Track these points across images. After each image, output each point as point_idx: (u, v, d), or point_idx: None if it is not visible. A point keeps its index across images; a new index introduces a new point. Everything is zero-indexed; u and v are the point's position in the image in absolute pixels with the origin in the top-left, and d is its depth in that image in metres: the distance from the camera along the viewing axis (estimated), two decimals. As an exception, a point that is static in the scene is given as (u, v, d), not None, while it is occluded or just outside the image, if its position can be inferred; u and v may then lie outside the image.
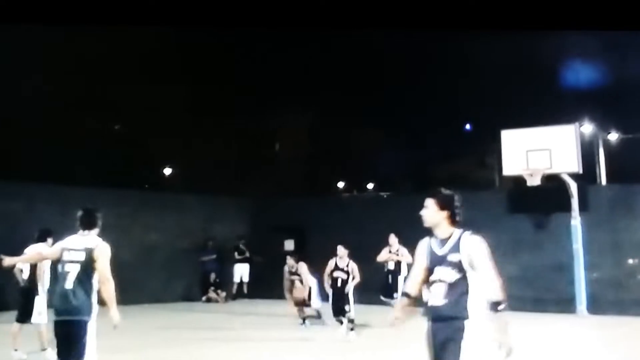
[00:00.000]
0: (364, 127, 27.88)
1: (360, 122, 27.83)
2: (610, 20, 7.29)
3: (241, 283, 24.87)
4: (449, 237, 6.05)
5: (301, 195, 26.24)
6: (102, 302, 7.71)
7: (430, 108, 26.37)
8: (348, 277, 15.27)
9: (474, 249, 5.92)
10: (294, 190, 28.91)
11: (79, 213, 7.94)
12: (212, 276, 24.34)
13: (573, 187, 19.52)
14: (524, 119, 20.21)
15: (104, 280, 7.64)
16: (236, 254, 24.86)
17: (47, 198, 21.06)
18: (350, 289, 15.21)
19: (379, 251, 17.69)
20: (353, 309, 15.00)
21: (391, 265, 17.50)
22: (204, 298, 23.99)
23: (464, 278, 5.87)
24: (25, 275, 12.05)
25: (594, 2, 7.06)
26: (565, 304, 19.40)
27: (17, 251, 11.31)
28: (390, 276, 17.38)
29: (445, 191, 6.23)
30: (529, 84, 24.51)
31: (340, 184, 41.98)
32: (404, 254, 17.25)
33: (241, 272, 24.78)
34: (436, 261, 6.02)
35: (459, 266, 5.89)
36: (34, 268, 11.94)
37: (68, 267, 7.63)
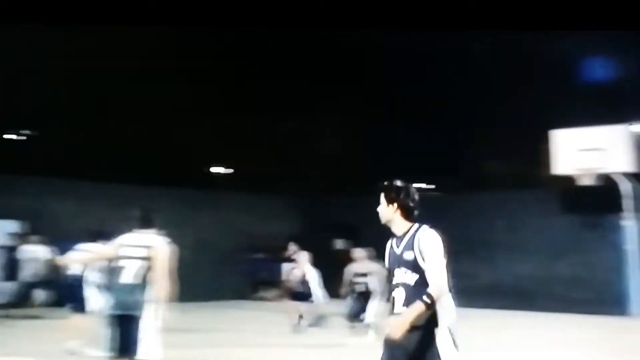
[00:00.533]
0: (416, 125, 27.82)
1: (413, 120, 27.77)
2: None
3: (293, 281, 24.92)
4: (406, 233, 5.36)
5: (353, 194, 26.27)
6: (156, 299, 7.81)
7: (482, 106, 26.23)
8: (370, 281, 14.43)
9: (426, 243, 5.20)
10: (346, 189, 28.95)
11: (137, 212, 8.03)
12: (264, 275, 24.51)
13: (626, 187, 19.29)
14: (575, 118, 19.99)
15: (160, 277, 7.74)
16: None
17: (98, 196, 21.54)
18: (375, 291, 14.28)
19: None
20: (374, 312, 14.09)
21: None
22: (256, 296, 24.18)
23: (423, 279, 5.13)
24: (75, 270, 12.29)
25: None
26: (618, 306, 19.14)
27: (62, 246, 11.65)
28: None
29: (396, 182, 5.53)
30: (580, 82, 24.22)
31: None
32: None
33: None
34: (395, 262, 5.35)
35: (414, 265, 5.17)
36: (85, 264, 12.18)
37: (126, 263, 7.75)
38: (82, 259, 10.66)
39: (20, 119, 27.76)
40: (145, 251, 7.74)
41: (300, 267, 16.59)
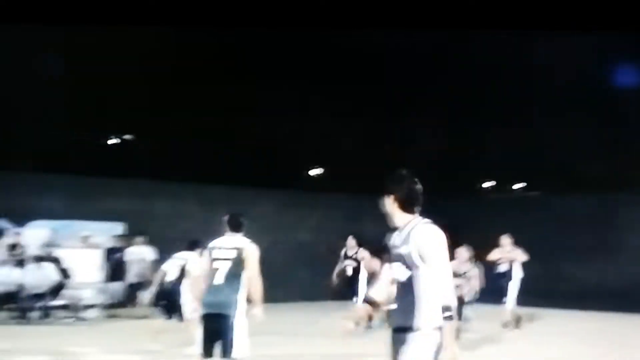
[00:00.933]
0: (512, 125, 27.49)
1: (509, 121, 27.45)
2: None
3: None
4: (405, 226, 5.11)
5: (450, 196, 26.15)
6: (248, 300, 8.07)
7: (581, 105, 25.73)
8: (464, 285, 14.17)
9: (424, 241, 4.94)
10: (443, 190, 28.82)
11: (226, 217, 8.35)
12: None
13: None
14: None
15: (253, 278, 8.00)
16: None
17: (199, 198, 22.01)
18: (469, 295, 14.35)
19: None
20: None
21: (503, 267, 16.83)
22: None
23: (416, 276, 4.89)
24: (170, 277, 12.82)
25: None
26: None
27: (165, 250, 12.05)
28: (502, 278, 16.72)
29: (397, 172, 5.30)
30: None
31: (490, 184, 41.45)
32: (517, 254, 16.75)
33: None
34: (393, 256, 5.11)
35: (408, 260, 4.91)
36: (181, 271, 12.66)
37: (217, 265, 8.01)
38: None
39: (117, 123, 28.52)
40: (236, 252, 8.02)
41: (360, 264, 16.56)
